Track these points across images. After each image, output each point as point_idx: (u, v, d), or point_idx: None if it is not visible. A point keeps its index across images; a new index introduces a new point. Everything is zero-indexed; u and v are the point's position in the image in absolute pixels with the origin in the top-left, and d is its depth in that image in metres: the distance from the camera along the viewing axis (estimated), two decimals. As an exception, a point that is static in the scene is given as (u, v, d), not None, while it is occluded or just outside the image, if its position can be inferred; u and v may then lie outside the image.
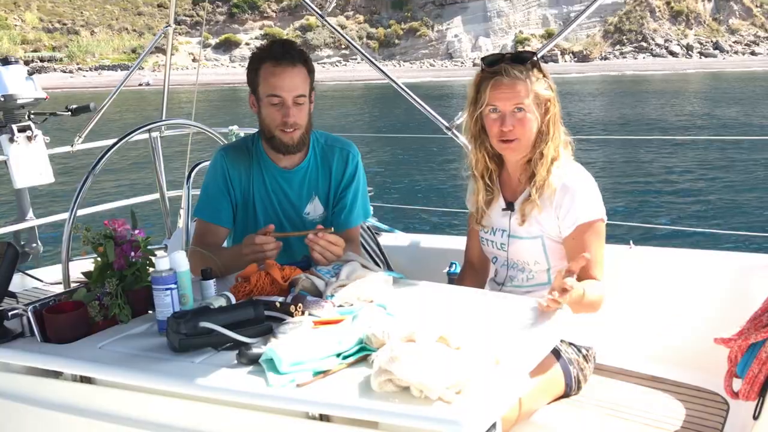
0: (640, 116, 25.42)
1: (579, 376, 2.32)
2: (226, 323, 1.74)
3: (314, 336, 1.75)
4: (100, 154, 3.13)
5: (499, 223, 2.39)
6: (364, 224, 3.10)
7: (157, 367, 1.70)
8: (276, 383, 1.54)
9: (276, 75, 2.38)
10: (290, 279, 2.12)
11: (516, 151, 2.29)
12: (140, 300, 2.00)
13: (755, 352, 2.00)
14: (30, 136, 4.26)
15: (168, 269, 1.90)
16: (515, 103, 2.21)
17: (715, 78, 49.93)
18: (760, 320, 2.04)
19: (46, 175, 4.38)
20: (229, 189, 2.54)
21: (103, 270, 2.01)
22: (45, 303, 1.95)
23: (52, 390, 1.89)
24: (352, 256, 2.33)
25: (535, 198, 2.25)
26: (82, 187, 2.96)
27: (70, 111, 4.65)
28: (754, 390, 2.01)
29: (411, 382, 1.44)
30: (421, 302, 2.05)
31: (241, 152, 2.57)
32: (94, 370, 1.77)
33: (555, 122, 2.27)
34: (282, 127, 2.41)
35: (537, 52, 2.30)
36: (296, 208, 2.55)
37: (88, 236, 2.02)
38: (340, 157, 2.57)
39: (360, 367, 1.61)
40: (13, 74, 4.27)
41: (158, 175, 4.48)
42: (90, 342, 1.86)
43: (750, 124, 23.21)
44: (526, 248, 2.33)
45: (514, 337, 1.77)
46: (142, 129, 3.78)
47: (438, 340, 1.57)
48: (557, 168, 2.26)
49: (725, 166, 15.17)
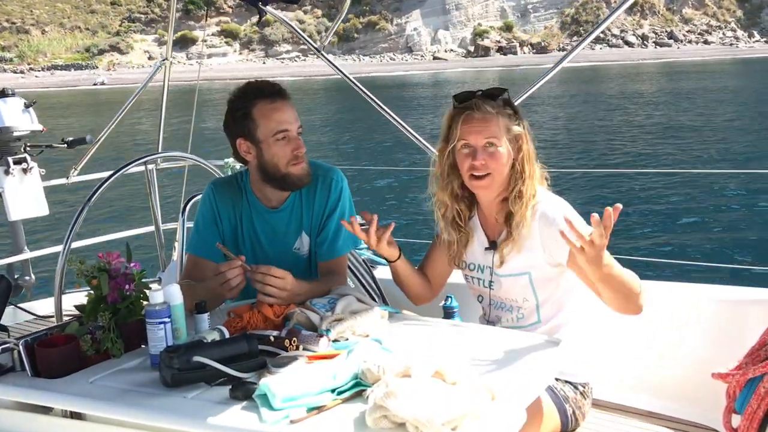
0: (607, 124, 25.57)
1: (576, 413, 2.29)
2: (220, 358, 1.72)
3: (309, 371, 1.74)
4: (96, 186, 3.13)
5: (482, 261, 2.36)
6: (358, 257, 3.09)
7: (149, 402, 1.68)
8: (269, 419, 1.52)
9: (278, 110, 2.36)
10: (284, 314, 2.11)
11: (488, 189, 2.26)
12: (133, 334, 1.98)
13: (754, 387, 1.99)
14: (26, 168, 4.27)
15: (162, 302, 1.89)
16: (487, 137, 2.20)
17: (671, 68, 51.06)
18: (757, 354, 2.04)
19: (41, 208, 4.37)
20: (218, 223, 2.52)
21: (97, 303, 2.00)
22: (36, 337, 1.93)
23: (42, 426, 1.86)
24: (348, 290, 2.32)
25: (516, 237, 2.22)
26: (76, 219, 2.95)
27: (66, 143, 4.67)
28: (753, 426, 1.99)
29: (407, 418, 1.42)
30: (417, 337, 2.04)
31: (231, 188, 2.56)
32: (84, 405, 1.75)
33: (529, 159, 2.25)
34: (294, 161, 2.37)
35: (507, 89, 2.29)
36: (285, 245, 2.53)
37: (82, 269, 2.01)
38: (323, 185, 2.51)
39: (355, 402, 1.59)
40: (10, 107, 4.30)
41: (153, 207, 4.48)
42: (81, 377, 1.84)
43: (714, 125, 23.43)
44: (513, 285, 2.30)
45: (510, 373, 1.76)
46: (138, 162, 3.79)
47: (434, 376, 1.56)
48: (534, 204, 2.23)
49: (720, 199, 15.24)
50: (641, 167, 17.58)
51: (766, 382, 1.96)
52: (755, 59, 61.73)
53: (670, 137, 21.64)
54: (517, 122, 2.26)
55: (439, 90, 41.97)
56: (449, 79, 49.20)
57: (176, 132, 11.15)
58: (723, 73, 48.08)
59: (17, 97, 4.42)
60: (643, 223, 13.04)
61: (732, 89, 36.74)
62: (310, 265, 2.54)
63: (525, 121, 2.29)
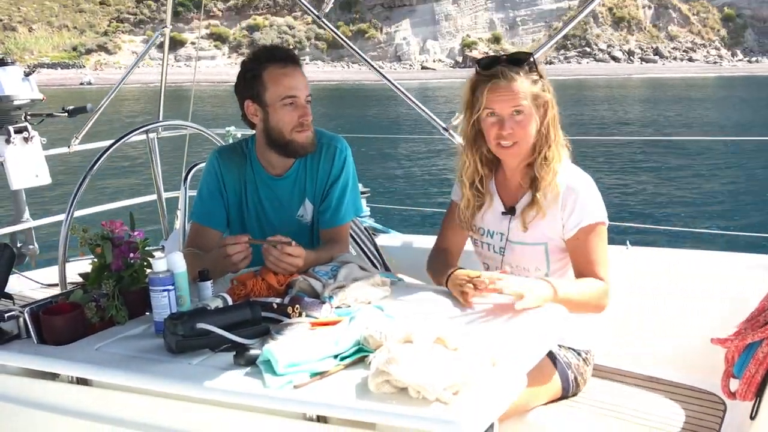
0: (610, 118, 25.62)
1: (578, 379, 2.32)
2: (223, 324, 1.73)
3: (311, 337, 1.75)
4: (98, 155, 3.12)
5: (497, 227, 2.34)
6: (360, 225, 3.10)
7: (154, 368, 1.70)
8: (273, 385, 1.54)
9: (288, 75, 2.34)
10: (287, 282, 2.12)
11: (516, 156, 2.24)
12: (137, 301, 2.00)
13: (752, 352, 2.01)
14: (27, 137, 4.26)
15: (165, 270, 1.90)
16: (513, 106, 2.16)
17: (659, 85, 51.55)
18: (756, 320, 2.05)
19: (43, 177, 4.37)
20: (222, 192, 2.52)
21: (101, 271, 2.01)
22: (42, 305, 1.95)
23: (48, 392, 1.88)
24: (350, 258, 2.33)
25: (541, 201, 2.21)
26: (79, 188, 2.95)
27: (67, 112, 4.64)
28: (751, 390, 2.01)
29: (408, 383, 1.44)
30: (419, 303, 2.05)
31: (236, 155, 2.55)
32: (90, 371, 1.77)
33: (555, 124, 2.23)
34: (299, 128, 2.35)
35: (533, 53, 2.26)
36: (289, 212, 2.53)
37: (85, 237, 2.02)
38: (327, 153, 2.50)
39: (357, 368, 1.61)
40: (10, 75, 4.26)
41: (155, 176, 4.48)
42: (87, 344, 1.86)
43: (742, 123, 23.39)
44: (528, 254, 2.30)
45: (512, 339, 1.77)
46: (139, 130, 3.78)
47: (435, 342, 1.57)
48: (560, 170, 2.22)
49: (721, 167, 15.20)
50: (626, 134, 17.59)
51: (765, 346, 1.97)
52: (738, 77, 62.32)
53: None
54: (543, 87, 2.21)
55: (427, 99, 41.19)
56: (437, 88, 48.92)
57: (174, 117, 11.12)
58: (707, 89, 48.36)
59: (17, 65, 4.39)
60: (643, 190, 13.03)
61: (715, 104, 36.76)
62: (313, 232, 2.55)
63: (550, 86, 2.24)
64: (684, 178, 14.40)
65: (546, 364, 2.23)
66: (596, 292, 2.17)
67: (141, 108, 32.33)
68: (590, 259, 2.21)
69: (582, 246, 2.21)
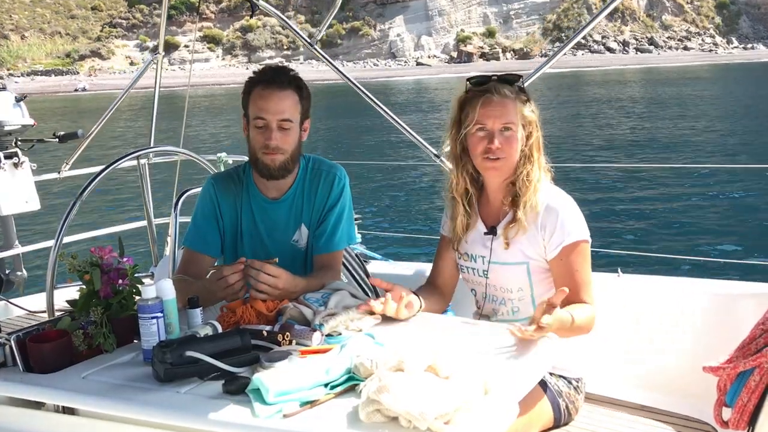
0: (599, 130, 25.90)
1: (569, 407, 2.31)
2: (213, 352, 1.72)
3: (302, 365, 1.74)
4: (87, 180, 3.11)
5: (479, 250, 2.37)
6: (352, 252, 3.09)
7: (142, 397, 1.68)
8: (262, 414, 1.52)
9: (263, 98, 2.38)
10: (277, 309, 2.10)
11: (500, 171, 2.28)
12: (125, 329, 1.98)
13: (744, 380, 2.00)
14: (17, 162, 4.24)
15: (154, 297, 1.88)
16: (504, 122, 2.23)
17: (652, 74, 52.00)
18: (748, 348, 2.05)
19: (33, 203, 4.35)
20: (218, 218, 2.52)
21: (89, 298, 1.99)
22: (28, 332, 1.93)
23: (34, 421, 1.85)
24: (341, 285, 2.32)
25: (523, 219, 2.24)
26: (68, 214, 2.93)
27: (58, 138, 4.64)
28: (744, 419, 2.00)
29: (399, 413, 1.42)
30: (410, 331, 2.04)
31: (231, 181, 2.56)
32: (77, 400, 1.75)
33: (538, 146, 2.30)
34: (264, 149, 2.39)
35: (522, 76, 2.34)
36: (284, 236, 2.53)
37: (74, 264, 2.00)
38: (326, 181, 2.54)
39: (348, 397, 1.60)
40: (0, 101, 4.26)
41: (146, 202, 4.47)
42: (73, 372, 1.84)
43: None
44: (510, 275, 2.31)
45: (503, 367, 1.76)
46: (130, 156, 3.77)
47: (427, 370, 1.56)
48: (541, 190, 2.27)
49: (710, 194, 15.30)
50: (627, 163, 17.74)
51: (757, 375, 1.97)
52: (734, 65, 62.46)
53: (652, 141, 21.83)
54: (530, 109, 2.29)
55: (422, 95, 41.97)
56: (433, 84, 49.07)
57: (166, 134, 11.11)
58: (703, 79, 48.85)
59: (8, 92, 4.39)
60: (635, 219, 13.09)
61: (711, 94, 37.27)
62: (307, 258, 2.55)
63: (537, 109, 2.33)
64: (679, 203, 14.50)
65: (537, 392, 2.21)
66: (589, 318, 2.18)
67: (134, 115, 31.78)
68: (576, 281, 2.21)
69: (566, 267, 2.22)
